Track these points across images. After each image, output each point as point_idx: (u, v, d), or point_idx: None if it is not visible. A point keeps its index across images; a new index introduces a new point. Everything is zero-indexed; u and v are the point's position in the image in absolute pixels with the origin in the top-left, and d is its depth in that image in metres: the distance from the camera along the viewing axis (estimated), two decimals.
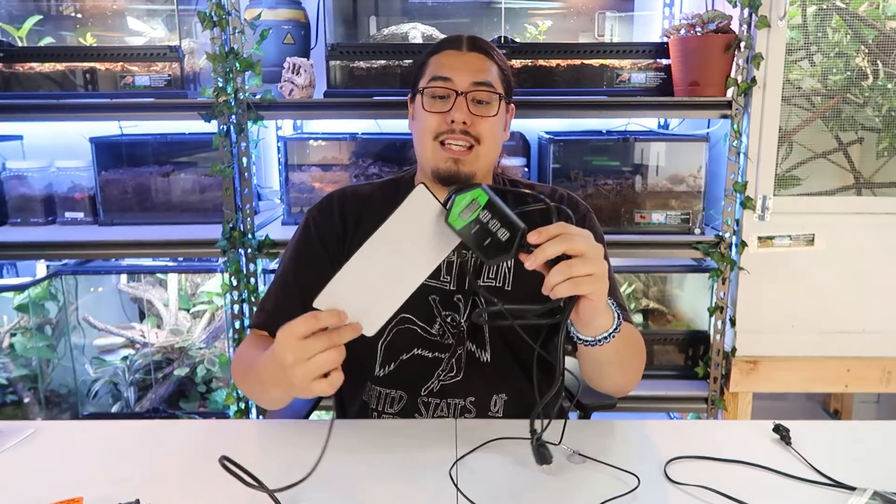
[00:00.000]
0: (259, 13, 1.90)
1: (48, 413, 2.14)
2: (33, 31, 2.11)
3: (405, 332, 1.17)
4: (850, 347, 1.97)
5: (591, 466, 0.95)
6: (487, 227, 0.83)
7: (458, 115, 1.11)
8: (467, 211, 0.83)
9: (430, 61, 1.18)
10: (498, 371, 1.18)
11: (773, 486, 0.90)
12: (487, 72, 1.15)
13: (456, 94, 1.12)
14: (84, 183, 2.10)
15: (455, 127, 1.12)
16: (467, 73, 1.13)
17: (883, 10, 1.90)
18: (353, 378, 1.19)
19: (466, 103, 1.12)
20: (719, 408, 2.01)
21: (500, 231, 0.83)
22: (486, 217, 0.83)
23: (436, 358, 1.17)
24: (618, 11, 2.23)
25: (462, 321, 1.17)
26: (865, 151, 2.00)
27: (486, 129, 1.13)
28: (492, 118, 1.14)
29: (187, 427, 1.11)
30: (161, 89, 1.93)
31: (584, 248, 0.84)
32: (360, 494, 0.89)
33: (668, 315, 2.28)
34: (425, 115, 1.14)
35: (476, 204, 0.83)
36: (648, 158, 2.05)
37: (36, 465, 0.96)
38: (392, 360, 1.17)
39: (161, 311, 2.24)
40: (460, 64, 1.15)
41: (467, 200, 0.83)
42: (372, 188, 1.26)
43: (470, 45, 1.18)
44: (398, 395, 1.18)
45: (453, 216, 0.83)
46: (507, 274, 1.18)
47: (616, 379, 1.10)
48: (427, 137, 1.14)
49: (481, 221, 0.83)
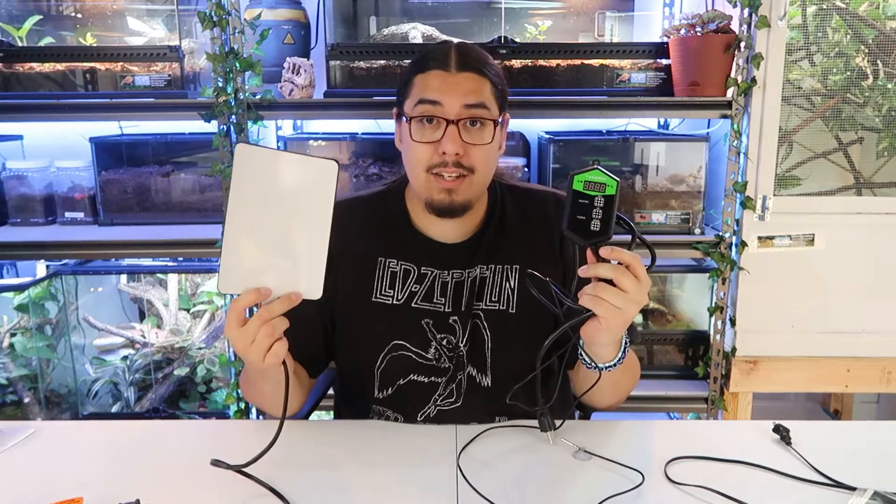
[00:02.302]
0: (259, 13, 1.90)
1: (48, 413, 2.14)
2: (33, 31, 2.10)
3: (399, 358, 1.13)
4: (850, 347, 1.97)
5: (597, 463, 0.95)
6: (591, 210, 0.88)
7: (450, 146, 1.04)
8: (592, 185, 0.88)
9: (416, 81, 1.08)
10: (499, 395, 1.11)
11: (773, 486, 0.90)
12: (480, 92, 1.06)
13: (447, 122, 1.04)
14: (84, 183, 2.10)
15: (447, 159, 1.05)
16: (458, 95, 1.05)
17: (883, 10, 1.90)
18: (355, 398, 1.20)
19: (458, 131, 1.04)
20: (719, 408, 2.01)
21: (594, 222, 0.89)
22: (599, 203, 0.88)
23: (432, 383, 1.13)
24: (618, 11, 2.23)
25: (461, 344, 1.13)
26: (865, 151, 2.00)
27: (479, 158, 1.06)
28: (486, 146, 1.07)
29: (187, 427, 1.12)
30: (161, 89, 1.93)
31: (631, 287, 0.88)
32: (363, 485, 0.89)
33: (668, 315, 2.28)
34: (414, 146, 1.07)
35: (602, 187, 0.88)
36: (648, 158, 2.05)
37: (36, 465, 0.96)
38: (389, 385, 1.14)
39: (161, 311, 2.24)
40: (449, 87, 1.05)
41: (600, 179, 0.88)
42: (359, 201, 1.21)
43: (459, 64, 1.07)
44: (396, 418, 1.15)
45: (579, 178, 0.88)
46: (511, 296, 1.14)
47: (606, 400, 1.13)
48: (418, 169, 1.07)
49: (593, 203, 0.88)
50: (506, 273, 1.15)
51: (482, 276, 1.14)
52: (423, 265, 1.14)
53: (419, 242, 1.16)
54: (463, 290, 1.14)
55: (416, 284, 1.14)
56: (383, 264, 1.15)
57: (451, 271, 1.14)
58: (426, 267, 1.14)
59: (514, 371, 1.11)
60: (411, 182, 1.13)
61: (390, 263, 1.15)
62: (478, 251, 1.15)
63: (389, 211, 1.19)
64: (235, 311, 0.85)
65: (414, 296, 1.13)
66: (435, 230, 1.16)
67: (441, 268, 1.14)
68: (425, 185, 1.08)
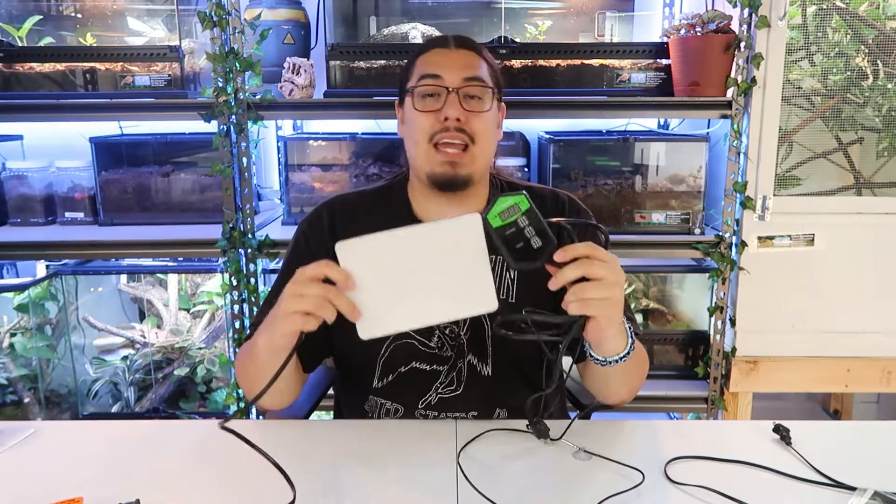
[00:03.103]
0: (259, 13, 1.90)
1: (48, 413, 2.14)
2: (33, 31, 2.10)
3: (403, 346, 1.14)
4: (850, 347, 1.97)
5: (597, 463, 0.96)
6: (523, 233, 0.86)
7: (452, 111, 1.09)
8: (507, 213, 0.85)
9: (418, 61, 1.16)
10: (500, 385, 1.15)
11: (773, 487, 0.90)
12: (478, 67, 1.13)
13: (447, 90, 1.10)
14: (84, 183, 2.10)
15: (449, 125, 1.09)
16: (457, 69, 1.11)
17: (883, 10, 1.90)
18: (353, 388, 1.19)
19: (459, 100, 1.10)
20: (719, 408, 2.01)
21: (533, 239, 0.86)
22: (524, 223, 0.86)
23: (433, 370, 1.14)
24: (618, 11, 2.23)
25: (462, 333, 1.14)
26: (865, 151, 2.00)
27: (480, 126, 1.11)
28: (485, 114, 1.12)
29: (187, 427, 1.11)
30: (161, 89, 1.93)
31: (603, 273, 0.87)
32: (363, 483, 0.89)
33: (668, 315, 2.28)
34: (417, 116, 1.12)
35: (517, 208, 0.85)
36: (648, 158, 2.05)
37: (36, 465, 0.96)
38: (390, 373, 1.15)
39: (161, 311, 2.24)
40: (449, 61, 1.13)
41: (509, 203, 0.85)
42: (362, 195, 1.24)
43: (458, 42, 1.16)
44: (395, 408, 1.15)
45: (492, 214, 0.85)
46: (511, 286, 1.15)
47: (620, 393, 1.12)
48: (421, 139, 1.11)
49: (518, 226, 0.86)
50: (506, 263, 1.15)
51: None
52: None
53: None
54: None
55: None
56: None
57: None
58: None
59: (514, 360, 1.14)
60: (414, 158, 1.15)
61: None
62: None
63: (393, 204, 1.20)
64: (320, 267, 0.86)
65: None
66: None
67: None
68: (427, 157, 1.11)
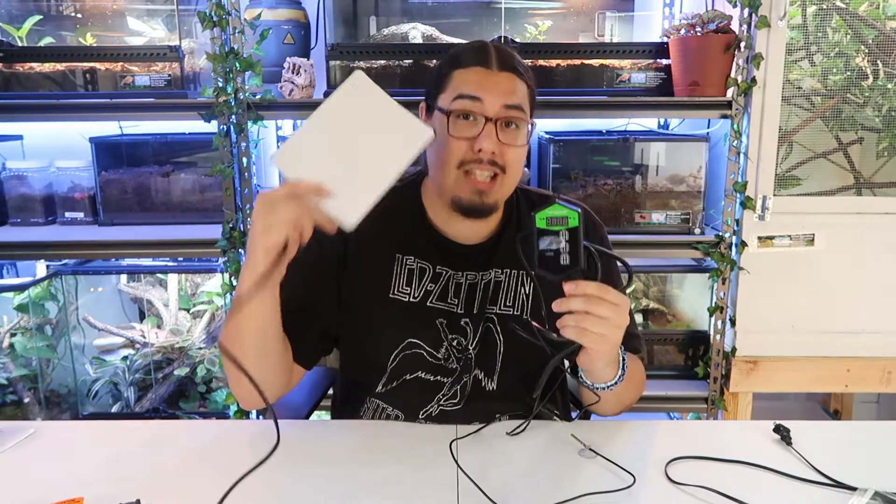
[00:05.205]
0: (259, 13, 1.90)
1: (48, 413, 2.14)
2: (33, 31, 2.10)
3: (411, 356, 1.12)
4: (850, 347, 1.97)
5: (597, 462, 0.96)
6: (559, 246, 0.89)
7: (487, 144, 1.03)
8: (554, 221, 0.89)
9: (455, 75, 1.07)
10: (503, 400, 1.13)
11: (773, 487, 0.90)
12: (518, 93, 1.06)
13: (486, 119, 1.04)
14: (84, 183, 2.10)
15: (482, 157, 1.04)
16: (498, 94, 1.04)
17: (883, 10, 1.90)
18: (355, 390, 1.18)
19: (496, 130, 1.04)
20: (719, 408, 2.01)
21: (564, 255, 0.89)
22: (564, 237, 0.89)
23: (437, 381, 1.12)
24: (618, 11, 2.23)
25: (470, 346, 1.12)
26: (865, 151, 2.00)
27: (513, 158, 1.06)
28: (520, 148, 1.07)
29: (187, 427, 1.11)
30: (161, 89, 1.93)
31: (608, 314, 0.89)
32: (363, 483, 0.89)
33: (668, 315, 2.28)
34: (450, 141, 1.05)
35: (565, 221, 0.89)
36: (648, 158, 2.05)
37: (36, 465, 0.96)
38: (395, 379, 1.14)
39: (161, 311, 2.23)
40: (491, 84, 1.05)
41: (561, 213, 0.89)
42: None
43: (500, 63, 1.07)
44: (396, 414, 1.14)
45: (541, 215, 0.89)
46: (525, 301, 1.14)
47: (611, 409, 1.13)
48: (451, 165, 1.06)
49: (558, 237, 0.89)
50: (521, 278, 1.14)
51: (497, 280, 1.14)
52: (437, 264, 1.13)
53: (435, 241, 1.15)
54: (476, 292, 1.13)
55: (431, 283, 1.13)
56: (401, 261, 1.13)
57: (466, 273, 1.14)
58: (441, 266, 1.13)
59: (524, 377, 1.12)
60: (439, 178, 1.10)
61: (407, 260, 1.13)
62: (494, 255, 1.14)
63: (404, 207, 1.17)
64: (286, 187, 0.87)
65: (429, 294, 1.12)
66: (451, 229, 1.15)
67: (456, 269, 1.14)
68: (455, 183, 1.07)
